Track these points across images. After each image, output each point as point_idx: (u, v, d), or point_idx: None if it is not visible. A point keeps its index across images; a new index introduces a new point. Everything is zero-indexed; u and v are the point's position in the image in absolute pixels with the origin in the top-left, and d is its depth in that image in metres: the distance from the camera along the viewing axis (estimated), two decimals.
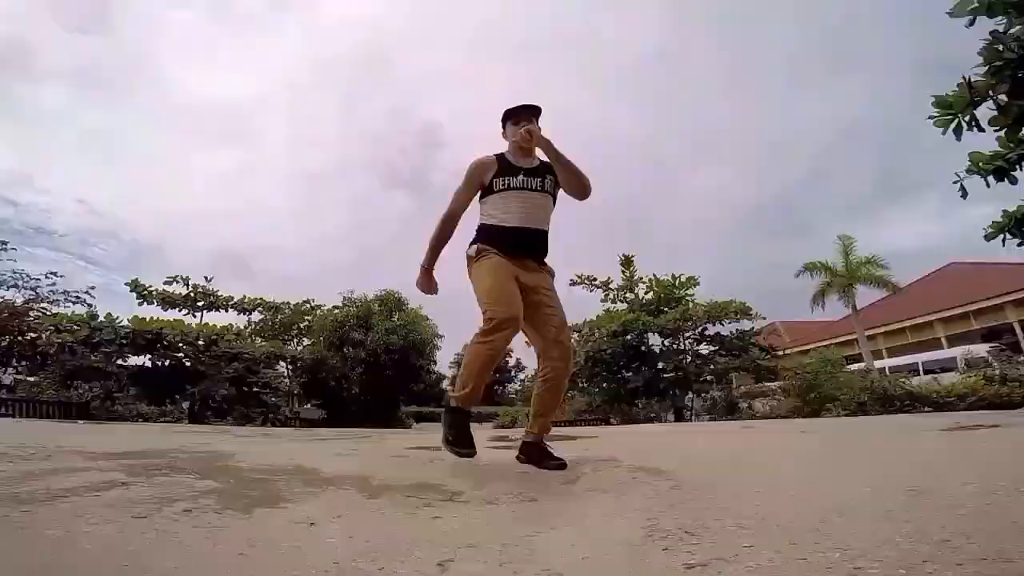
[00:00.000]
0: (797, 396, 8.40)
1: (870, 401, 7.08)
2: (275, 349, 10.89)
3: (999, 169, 2.26)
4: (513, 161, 2.18)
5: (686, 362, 10.67)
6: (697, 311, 10.59)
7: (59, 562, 0.86)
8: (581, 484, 1.64)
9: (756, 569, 0.77)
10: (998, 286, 16.61)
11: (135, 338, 8.65)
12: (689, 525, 1.05)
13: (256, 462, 2.10)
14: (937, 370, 12.41)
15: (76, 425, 5.51)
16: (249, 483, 1.63)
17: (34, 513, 1.14)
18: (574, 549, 0.98)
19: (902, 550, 0.79)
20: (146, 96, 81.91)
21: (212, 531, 1.08)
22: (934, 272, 21.60)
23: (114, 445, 2.62)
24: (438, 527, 1.18)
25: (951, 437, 2.32)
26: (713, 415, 9.76)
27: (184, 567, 0.87)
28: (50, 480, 1.51)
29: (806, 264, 14.53)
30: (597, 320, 11.60)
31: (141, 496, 1.35)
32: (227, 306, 12.69)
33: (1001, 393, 6.72)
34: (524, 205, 2.10)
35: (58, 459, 1.95)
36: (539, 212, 2.13)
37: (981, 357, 10.46)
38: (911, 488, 1.18)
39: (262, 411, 9.69)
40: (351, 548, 1.00)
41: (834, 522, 0.97)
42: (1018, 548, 0.75)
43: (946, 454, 1.73)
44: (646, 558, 0.89)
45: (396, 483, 1.69)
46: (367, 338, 11.25)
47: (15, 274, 13.03)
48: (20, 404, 8.54)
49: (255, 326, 14.05)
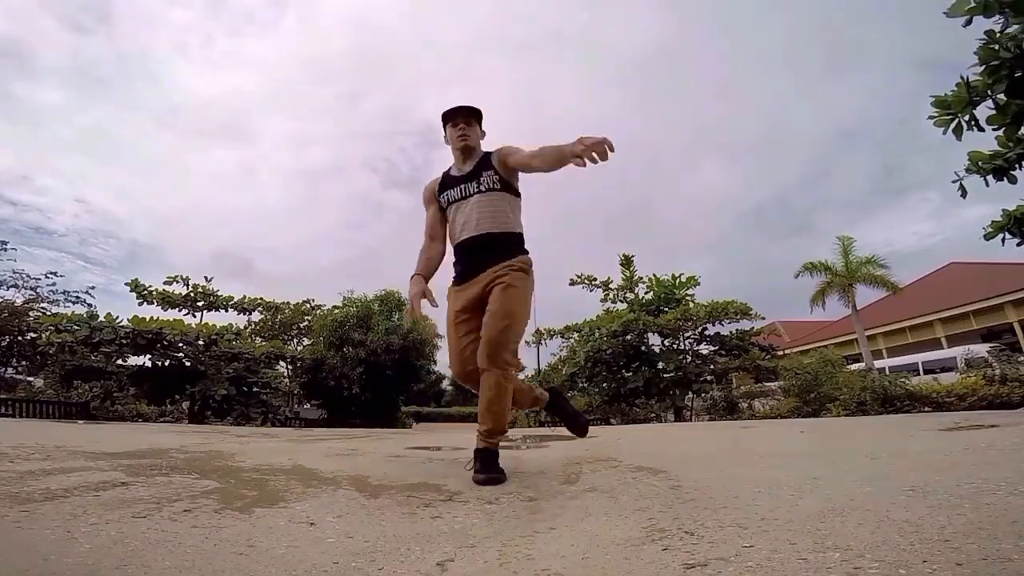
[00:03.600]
0: (797, 396, 8.40)
1: (870, 401, 7.08)
2: (275, 349, 10.87)
3: (998, 168, 2.26)
4: (454, 172, 2.10)
5: (686, 362, 10.67)
6: (697, 311, 10.59)
7: (59, 562, 0.86)
8: (581, 484, 1.64)
9: (756, 569, 0.77)
10: (998, 286, 16.61)
11: (135, 338, 8.63)
12: (689, 525, 1.05)
13: (256, 462, 2.10)
14: (937, 370, 12.42)
15: (76, 425, 5.51)
16: (249, 483, 1.63)
17: (33, 513, 1.14)
18: (574, 549, 0.98)
19: (902, 550, 0.79)
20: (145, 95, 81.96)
21: (211, 531, 1.08)
22: (934, 272, 21.61)
23: (114, 445, 2.62)
24: (438, 527, 1.18)
25: (951, 437, 2.32)
26: (713, 415, 9.76)
27: (184, 567, 0.87)
28: (49, 480, 1.51)
29: (806, 264, 14.52)
30: (597, 320, 11.61)
31: (141, 496, 1.35)
32: (227, 306, 12.70)
33: (1001, 393, 6.72)
34: (464, 216, 2.00)
35: (58, 459, 1.95)
36: (481, 217, 1.97)
37: (981, 357, 10.45)
38: (911, 488, 1.18)
39: (262, 411, 9.68)
40: (351, 548, 1.00)
41: (834, 522, 0.97)
42: (1018, 548, 0.75)
43: (946, 454, 1.73)
44: (646, 558, 0.89)
45: (396, 483, 1.69)
46: (367, 338, 11.23)
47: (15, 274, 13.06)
48: (20, 404, 8.54)
49: (255, 326, 14.06)
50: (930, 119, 2.20)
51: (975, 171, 2.32)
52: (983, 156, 2.30)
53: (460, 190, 2.03)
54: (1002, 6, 1.83)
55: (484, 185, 2.00)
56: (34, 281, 13.20)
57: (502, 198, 2.01)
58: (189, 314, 11.72)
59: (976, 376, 7.64)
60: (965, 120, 2.14)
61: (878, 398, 7.06)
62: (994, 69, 1.92)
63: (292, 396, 13.02)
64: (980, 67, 1.96)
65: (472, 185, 2.01)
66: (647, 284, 12.01)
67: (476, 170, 2.04)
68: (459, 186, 2.04)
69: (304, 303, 14.94)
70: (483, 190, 2.00)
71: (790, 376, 8.71)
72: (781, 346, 13.52)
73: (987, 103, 2.08)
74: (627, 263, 12.28)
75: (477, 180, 2.01)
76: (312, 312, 14.71)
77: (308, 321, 14.61)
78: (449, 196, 2.06)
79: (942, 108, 2.15)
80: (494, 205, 1.99)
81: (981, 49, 1.93)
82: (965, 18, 1.90)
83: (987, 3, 1.83)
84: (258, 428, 7.53)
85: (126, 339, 8.53)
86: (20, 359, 11.91)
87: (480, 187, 2.00)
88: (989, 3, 1.83)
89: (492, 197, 1.99)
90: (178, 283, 11.91)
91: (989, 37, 1.91)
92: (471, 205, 1.99)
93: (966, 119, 2.13)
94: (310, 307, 14.91)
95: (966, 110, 2.11)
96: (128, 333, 8.56)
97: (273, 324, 14.52)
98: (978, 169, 2.31)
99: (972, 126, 2.13)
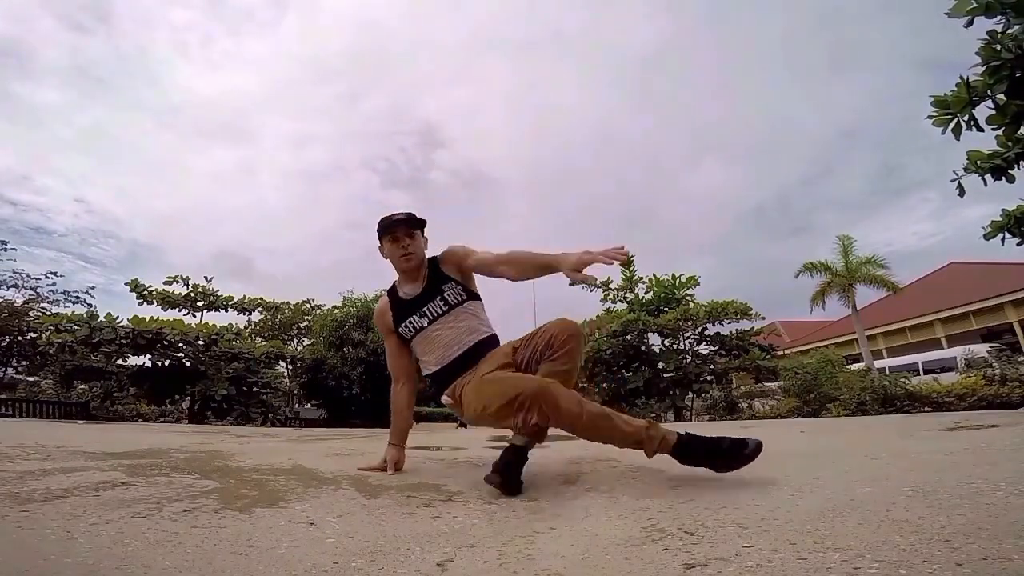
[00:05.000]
0: (797, 396, 8.40)
1: (870, 401, 7.08)
2: (275, 349, 10.88)
3: (997, 167, 2.27)
4: (405, 293, 1.85)
5: (686, 362, 10.66)
6: (697, 311, 10.59)
7: (58, 562, 0.86)
8: (581, 484, 1.64)
9: (756, 569, 0.77)
10: (998, 286, 16.62)
11: (135, 338, 8.63)
12: (689, 525, 1.04)
13: (256, 462, 2.10)
14: (937, 370, 12.43)
15: (76, 425, 5.51)
16: (249, 483, 1.63)
17: (33, 513, 1.14)
18: (574, 549, 0.98)
19: (902, 550, 0.79)
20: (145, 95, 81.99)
21: (211, 531, 1.08)
22: (934, 272, 21.63)
23: (114, 445, 2.62)
24: (438, 527, 1.18)
25: (951, 437, 2.32)
26: (713, 415, 9.76)
27: (183, 567, 0.87)
28: (49, 480, 1.51)
29: (806, 264, 14.54)
30: (597, 320, 11.60)
31: (141, 496, 1.35)
32: (227, 306, 12.70)
33: (1001, 393, 6.72)
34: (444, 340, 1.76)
35: (58, 459, 1.95)
36: (460, 333, 1.76)
37: (981, 357, 10.45)
38: (911, 488, 1.18)
39: (262, 411, 9.68)
40: (351, 548, 1.00)
41: (834, 522, 0.97)
42: (1018, 548, 0.75)
43: (945, 454, 1.73)
44: (645, 558, 0.89)
45: (396, 483, 1.68)
46: (367, 338, 11.22)
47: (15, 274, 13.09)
48: (20, 404, 8.54)
49: (255, 326, 14.08)
50: (930, 119, 2.20)
51: (974, 170, 2.32)
52: (982, 155, 2.31)
53: (424, 315, 1.78)
54: (1003, 7, 1.83)
55: (452, 299, 1.78)
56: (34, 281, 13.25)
57: (473, 307, 1.82)
58: (189, 314, 11.72)
59: (976, 376, 7.64)
60: (964, 120, 2.14)
61: (878, 398, 7.06)
62: (995, 69, 1.92)
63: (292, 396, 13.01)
64: (982, 67, 1.97)
65: (437, 305, 1.77)
66: (647, 284, 12.01)
67: (433, 286, 1.80)
68: (421, 310, 1.78)
69: (304, 303, 14.96)
70: (453, 305, 1.77)
71: (790, 376, 8.71)
72: (781, 346, 13.52)
73: (987, 103, 2.09)
74: (627, 263, 12.28)
75: (441, 297, 1.78)
76: (312, 312, 14.73)
77: (308, 321, 14.63)
78: (413, 325, 1.79)
79: (942, 108, 2.15)
80: (468, 319, 1.79)
81: (983, 49, 1.94)
82: (967, 19, 1.90)
83: (988, 4, 1.83)
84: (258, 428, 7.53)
85: (126, 339, 8.53)
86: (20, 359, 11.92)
87: (448, 304, 1.77)
88: (991, 4, 1.83)
89: (463, 310, 1.79)
90: (178, 283, 11.91)
91: (991, 37, 1.91)
92: (446, 327, 1.76)
93: (965, 119, 2.13)
94: (310, 307, 14.94)
95: (966, 110, 2.11)
96: (128, 333, 8.56)
97: (273, 324, 14.54)
98: (976, 168, 2.31)
99: (971, 126, 2.13)
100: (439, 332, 1.77)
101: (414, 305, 1.81)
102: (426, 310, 1.78)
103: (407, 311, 1.81)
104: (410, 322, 1.80)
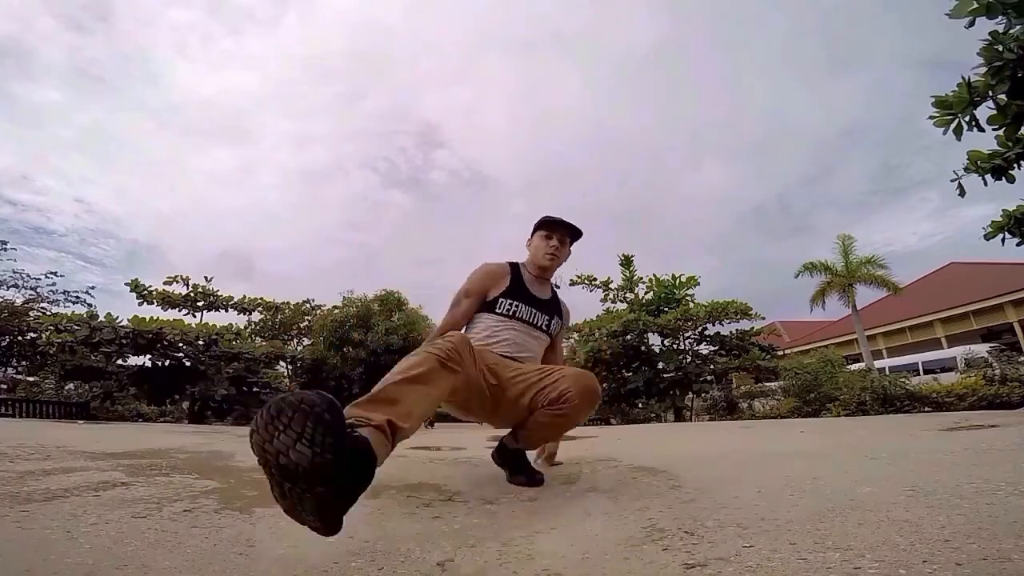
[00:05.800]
0: (797, 396, 8.40)
1: (870, 401, 7.08)
2: (275, 349, 10.89)
3: (997, 168, 2.26)
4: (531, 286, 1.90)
5: (686, 362, 10.67)
6: (697, 311, 10.59)
7: (59, 562, 0.86)
8: (581, 484, 1.64)
9: (756, 569, 0.77)
10: (998, 286, 16.62)
11: (135, 338, 8.64)
12: (689, 525, 1.04)
13: (256, 462, 2.10)
14: (937, 370, 12.41)
15: (76, 425, 5.51)
16: (249, 483, 1.63)
17: (33, 513, 1.14)
18: (574, 549, 0.98)
19: (902, 550, 0.79)
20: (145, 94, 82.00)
21: (211, 531, 1.08)
22: (934, 272, 21.62)
23: (114, 445, 2.62)
24: (438, 527, 1.18)
25: (951, 437, 2.32)
26: (713, 415, 9.76)
27: (184, 567, 0.87)
28: (49, 480, 1.51)
29: (806, 264, 14.52)
30: (597, 320, 11.61)
31: (141, 496, 1.35)
32: (227, 306, 12.72)
33: (1001, 393, 6.72)
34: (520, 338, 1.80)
35: (58, 459, 1.95)
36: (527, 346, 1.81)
37: (981, 357, 10.44)
38: (911, 488, 1.18)
39: None
40: (351, 548, 1.00)
41: (834, 522, 0.97)
42: (1018, 548, 0.75)
43: (945, 454, 1.73)
44: (645, 558, 0.89)
45: (396, 483, 1.69)
46: (367, 338, 11.24)
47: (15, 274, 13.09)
48: (20, 404, 8.54)
49: (255, 326, 14.08)
50: (930, 119, 2.19)
51: (974, 170, 2.32)
52: (982, 155, 2.30)
53: (532, 315, 1.82)
54: (1005, 7, 1.83)
55: (550, 328, 1.86)
56: (34, 281, 13.24)
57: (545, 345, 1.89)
58: (189, 314, 11.75)
59: (976, 376, 7.64)
60: (965, 120, 2.13)
61: (878, 398, 7.06)
62: (997, 70, 1.92)
63: None
64: (984, 67, 1.96)
65: (544, 319, 1.84)
66: (647, 284, 12.01)
67: (552, 307, 1.88)
68: (532, 310, 1.82)
69: (304, 303, 14.96)
70: (545, 331, 1.85)
71: (790, 376, 8.70)
72: (781, 346, 13.51)
73: (987, 103, 2.08)
74: (627, 263, 12.28)
75: (550, 319, 1.86)
76: (312, 312, 14.73)
77: (308, 321, 14.63)
78: (515, 310, 1.80)
79: (943, 108, 2.15)
80: (540, 348, 1.86)
81: (985, 50, 1.93)
82: (968, 19, 1.89)
83: (989, 4, 1.83)
84: None
85: (126, 339, 8.53)
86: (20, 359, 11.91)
87: (546, 328, 1.84)
88: (992, 5, 1.83)
89: (544, 341, 1.87)
90: (178, 283, 11.93)
91: (993, 38, 1.91)
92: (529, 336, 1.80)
93: (966, 119, 2.13)
94: (310, 307, 14.94)
95: (967, 110, 2.11)
96: (128, 333, 8.57)
97: (273, 324, 14.54)
98: (977, 168, 2.31)
99: (972, 126, 2.13)
100: (520, 333, 1.79)
101: (533, 300, 1.84)
102: (535, 313, 1.82)
103: (524, 298, 1.83)
104: (516, 306, 1.80)
